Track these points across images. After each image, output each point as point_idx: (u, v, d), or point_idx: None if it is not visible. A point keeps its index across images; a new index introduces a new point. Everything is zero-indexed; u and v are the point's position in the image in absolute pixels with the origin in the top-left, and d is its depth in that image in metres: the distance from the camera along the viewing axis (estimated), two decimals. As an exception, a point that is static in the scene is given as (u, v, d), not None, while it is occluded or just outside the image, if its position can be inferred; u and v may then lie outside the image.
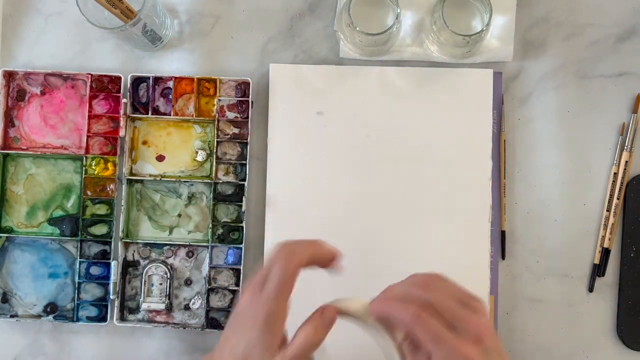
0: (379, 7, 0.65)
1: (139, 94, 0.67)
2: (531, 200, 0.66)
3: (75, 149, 0.67)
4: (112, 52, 0.68)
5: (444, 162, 0.65)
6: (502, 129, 0.66)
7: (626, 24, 0.67)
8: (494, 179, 0.65)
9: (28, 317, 0.66)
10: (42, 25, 0.69)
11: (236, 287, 0.65)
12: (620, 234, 0.65)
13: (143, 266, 0.66)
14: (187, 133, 0.67)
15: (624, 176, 0.65)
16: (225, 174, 0.66)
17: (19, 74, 0.67)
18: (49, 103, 0.67)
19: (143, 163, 0.67)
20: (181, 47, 0.68)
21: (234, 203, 0.66)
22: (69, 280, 0.66)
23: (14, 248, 0.67)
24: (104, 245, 0.66)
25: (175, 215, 0.67)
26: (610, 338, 0.65)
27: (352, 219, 0.65)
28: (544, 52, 0.67)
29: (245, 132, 0.66)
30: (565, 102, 0.66)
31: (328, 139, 0.66)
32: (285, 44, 0.68)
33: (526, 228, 0.66)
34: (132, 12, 0.60)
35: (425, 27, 0.65)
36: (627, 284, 0.65)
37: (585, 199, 0.66)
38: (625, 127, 0.66)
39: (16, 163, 0.67)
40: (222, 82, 0.66)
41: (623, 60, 0.66)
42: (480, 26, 0.63)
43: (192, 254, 0.66)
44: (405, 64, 0.67)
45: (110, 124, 0.67)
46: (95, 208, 0.66)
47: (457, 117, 0.65)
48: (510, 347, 0.65)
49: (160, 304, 0.65)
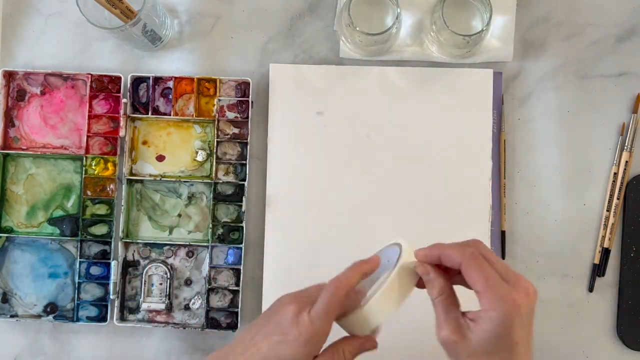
0: (379, 7, 0.65)
1: (139, 94, 0.67)
2: (531, 200, 0.66)
3: (75, 149, 0.67)
4: (112, 52, 0.68)
5: (443, 162, 0.65)
6: (502, 129, 0.66)
7: (626, 24, 0.67)
8: (494, 179, 0.65)
9: (28, 317, 0.66)
10: (42, 25, 0.69)
11: (236, 287, 0.65)
12: (620, 234, 0.65)
13: (143, 266, 0.66)
14: (187, 133, 0.67)
15: (624, 176, 0.65)
16: (225, 174, 0.66)
17: (19, 74, 0.67)
18: (49, 103, 0.67)
19: (143, 163, 0.67)
20: (181, 47, 0.68)
21: (234, 203, 0.66)
22: (69, 280, 0.66)
23: (14, 248, 0.67)
24: (104, 245, 0.66)
25: (175, 215, 0.67)
26: (610, 338, 0.65)
27: (352, 218, 0.65)
28: (544, 52, 0.67)
29: (245, 132, 0.66)
30: (565, 102, 0.66)
31: (328, 139, 0.65)
32: (285, 44, 0.68)
33: (526, 228, 0.66)
34: (132, 12, 0.60)
35: (425, 27, 0.65)
36: (627, 284, 0.65)
37: (585, 199, 0.66)
38: (625, 127, 0.66)
39: (16, 163, 0.67)
40: (222, 82, 0.66)
41: (623, 60, 0.66)
42: (480, 26, 0.63)
43: (192, 254, 0.66)
44: (405, 64, 0.67)
45: (110, 124, 0.67)
46: (95, 208, 0.66)
47: (457, 117, 0.65)
48: (510, 347, 0.65)
49: (160, 304, 0.65)
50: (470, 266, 0.43)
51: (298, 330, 0.44)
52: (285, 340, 0.44)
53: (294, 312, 0.45)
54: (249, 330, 0.47)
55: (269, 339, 0.45)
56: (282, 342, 0.45)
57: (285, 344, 0.44)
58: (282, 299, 0.48)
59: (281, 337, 0.45)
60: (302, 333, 0.44)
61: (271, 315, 0.47)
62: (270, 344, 0.45)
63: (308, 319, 0.44)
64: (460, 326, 0.43)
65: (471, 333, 0.43)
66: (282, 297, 0.48)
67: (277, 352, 0.45)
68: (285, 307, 0.46)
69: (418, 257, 0.46)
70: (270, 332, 0.46)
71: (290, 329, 0.45)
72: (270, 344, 0.45)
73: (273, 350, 0.45)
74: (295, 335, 0.44)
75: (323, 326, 0.45)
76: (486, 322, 0.42)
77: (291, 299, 0.47)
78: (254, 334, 0.47)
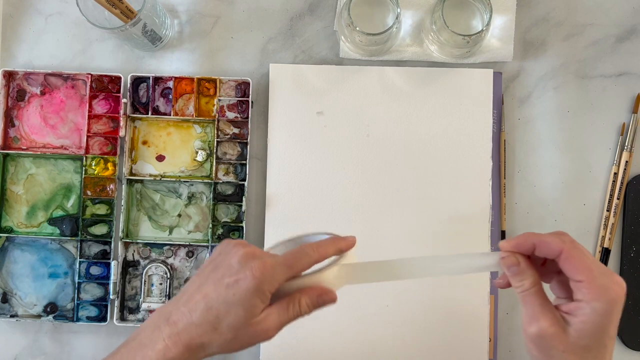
0: (379, 7, 0.65)
1: (139, 94, 0.67)
2: (531, 200, 0.66)
3: (75, 149, 0.67)
4: (112, 52, 0.68)
5: (443, 162, 0.65)
6: (502, 129, 0.66)
7: (626, 24, 0.67)
8: (494, 179, 0.65)
9: (28, 317, 0.66)
10: (42, 25, 0.69)
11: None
12: (620, 234, 0.65)
13: (143, 266, 0.66)
14: (187, 133, 0.67)
15: (624, 176, 0.65)
16: (225, 174, 0.66)
17: (19, 74, 0.67)
18: (49, 103, 0.67)
19: (143, 163, 0.67)
20: (181, 47, 0.68)
21: (234, 203, 0.66)
22: (69, 280, 0.66)
23: (14, 248, 0.67)
24: (104, 245, 0.66)
25: (175, 215, 0.67)
26: (610, 338, 0.65)
27: (352, 218, 0.65)
28: (544, 52, 0.67)
29: (245, 132, 0.66)
30: (565, 102, 0.66)
31: (328, 139, 0.66)
32: (285, 44, 0.68)
33: (526, 228, 0.66)
34: (132, 12, 0.60)
35: (425, 27, 0.65)
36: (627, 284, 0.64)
37: (585, 199, 0.66)
38: (625, 127, 0.66)
39: (16, 163, 0.67)
40: (222, 82, 0.66)
41: (623, 60, 0.66)
42: (480, 26, 0.63)
43: (192, 254, 0.66)
44: (405, 64, 0.67)
45: (110, 124, 0.67)
46: (95, 208, 0.66)
47: (457, 117, 0.65)
48: (510, 347, 0.65)
49: (160, 304, 0.65)
50: (573, 255, 0.41)
51: (251, 273, 0.41)
52: (236, 284, 0.41)
53: (247, 253, 0.43)
54: (196, 279, 0.44)
55: (218, 284, 0.42)
56: (232, 286, 0.41)
57: (234, 288, 0.41)
58: (230, 242, 0.45)
59: (231, 280, 0.42)
60: (256, 276, 0.41)
61: (220, 260, 0.44)
62: (219, 288, 0.42)
63: (261, 262, 0.42)
64: (557, 317, 0.41)
65: (570, 326, 0.41)
66: (229, 241, 0.46)
67: (225, 297, 0.42)
68: (236, 248, 0.44)
69: (505, 248, 0.43)
70: (219, 276, 0.43)
71: (242, 270, 0.42)
72: (219, 288, 0.42)
73: (222, 295, 0.42)
74: (247, 277, 0.41)
75: (276, 274, 0.42)
76: (588, 313, 0.40)
77: (243, 243, 0.45)
78: (202, 281, 0.43)
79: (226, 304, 0.42)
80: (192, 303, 0.42)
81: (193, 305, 0.42)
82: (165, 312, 0.44)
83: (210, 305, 0.42)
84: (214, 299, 0.42)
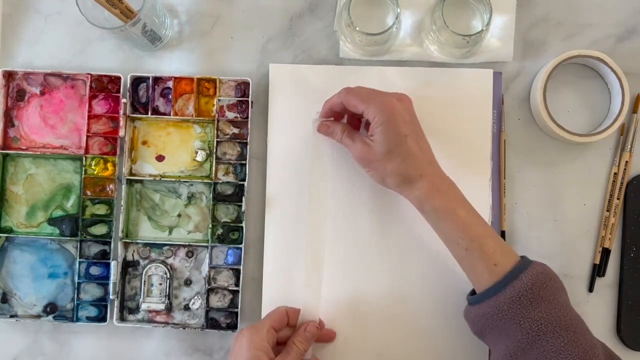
0: (379, 7, 0.65)
1: (139, 94, 0.67)
2: (531, 200, 0.66)
3: (75, 149, 0.67)
4: (112, 52, 0.68)
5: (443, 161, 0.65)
6: (502, 129, 0.66)
7: (626, 24, 0.67)
8: (493, 179, 0.65)
9: (28, 317, 0.66)
10: (41, 25, 0.69)
11: (236, 287, 0.65)
12: (620, 234, 0.65)
13: (143, 266, 0.66)
14: (186, 133, 0.67)
15: (624, 176, 0.65)
16: (225, 174, 0.66)
17: (18, 74, 0.67)
18: (48, 103, 0.67)
19: (143, 163, 0.67)
20: (181, 47, 0.68)
21: (233, 203, 0.66)
22: (68, 281, 0.66)
23: (13, 248, 0.67)
24: (104, 245, 0.66)
25: (175, 215, 0.67)
26: (610, 338, 0.65)
27: (352, 218, 0.65)
28: (544, 52, 0.67)
29: (245, 132, 0.66)
30: (565, 102, 0.66)
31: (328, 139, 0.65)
32: (285, 44, 0.68)
33: (526, 228, 0.66)
34: (132, 12, 0.60)
35: (425, 27, 0.65)
36: (627, 284, 0.65)
37: (585, 199, 0.66)
38: (625, 127, 0.66)
39: (16, 163, 0.67)
40: (221, 82, 0.66)
41: (623, 60, 0.66)
42: (480, 26, 0.63)
43: (191, 254, 0.66)
44: (405, 64, 0.67)
45: (110, 124, 0.67)
46: (95, 208, 0.66)
47: (457, 117, 0.65)
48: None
49: (160, 304, 0.65)
50: (348, 97, 0.57)
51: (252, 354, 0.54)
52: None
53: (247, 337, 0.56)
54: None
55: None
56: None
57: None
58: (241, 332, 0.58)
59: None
60: (250, 347, 0.54)
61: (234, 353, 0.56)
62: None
63: (247, 334, 0.56)
64: (364, 141, 0.57)
65: (372, 142, 0.56)
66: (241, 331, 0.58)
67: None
68: (240, 338, 0.56)
69: (319, 126, 0.61)
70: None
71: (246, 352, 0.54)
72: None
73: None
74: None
75: (260, 337, 0.55)
76: (377, 127, 0.55)
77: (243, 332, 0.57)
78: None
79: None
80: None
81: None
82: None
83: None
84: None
